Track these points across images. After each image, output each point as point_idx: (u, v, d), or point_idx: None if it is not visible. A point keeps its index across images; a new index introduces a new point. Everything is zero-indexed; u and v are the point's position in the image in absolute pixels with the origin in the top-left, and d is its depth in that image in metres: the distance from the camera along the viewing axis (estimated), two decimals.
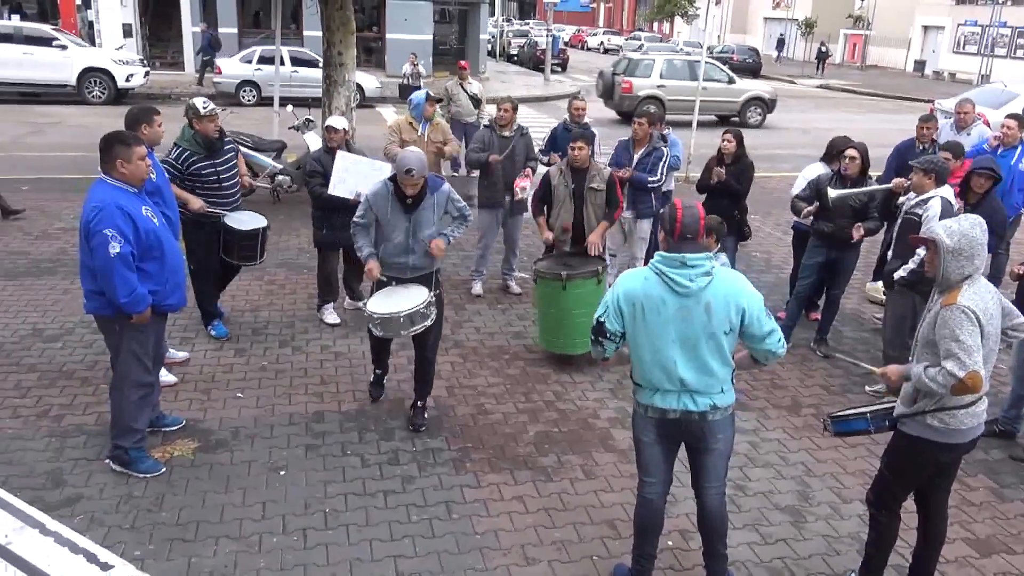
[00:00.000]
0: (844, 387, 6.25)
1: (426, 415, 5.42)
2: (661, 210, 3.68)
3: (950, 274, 3.44)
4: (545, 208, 6.67)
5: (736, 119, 20.43)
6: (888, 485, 3.79)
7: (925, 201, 5.59)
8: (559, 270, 6.20)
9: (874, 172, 8.41)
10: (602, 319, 3.59)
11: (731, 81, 21.13)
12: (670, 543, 4.27)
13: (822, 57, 41.14)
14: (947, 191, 5.65)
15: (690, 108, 13.47)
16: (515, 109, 7.65)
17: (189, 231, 6.12)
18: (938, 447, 3.56)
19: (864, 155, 6.41)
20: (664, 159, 7.39)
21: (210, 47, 23.31)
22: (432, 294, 5.03)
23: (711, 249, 3.57)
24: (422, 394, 5.44)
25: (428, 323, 5.00)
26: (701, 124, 13.99)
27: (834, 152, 7.02)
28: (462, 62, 12.93)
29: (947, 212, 5.35)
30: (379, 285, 5.14)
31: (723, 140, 7.36)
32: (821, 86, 34.50)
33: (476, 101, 12.11)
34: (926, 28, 43.58)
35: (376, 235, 5.12)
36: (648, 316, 3.47)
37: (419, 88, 16.33)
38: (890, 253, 6.03)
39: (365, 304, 4.98)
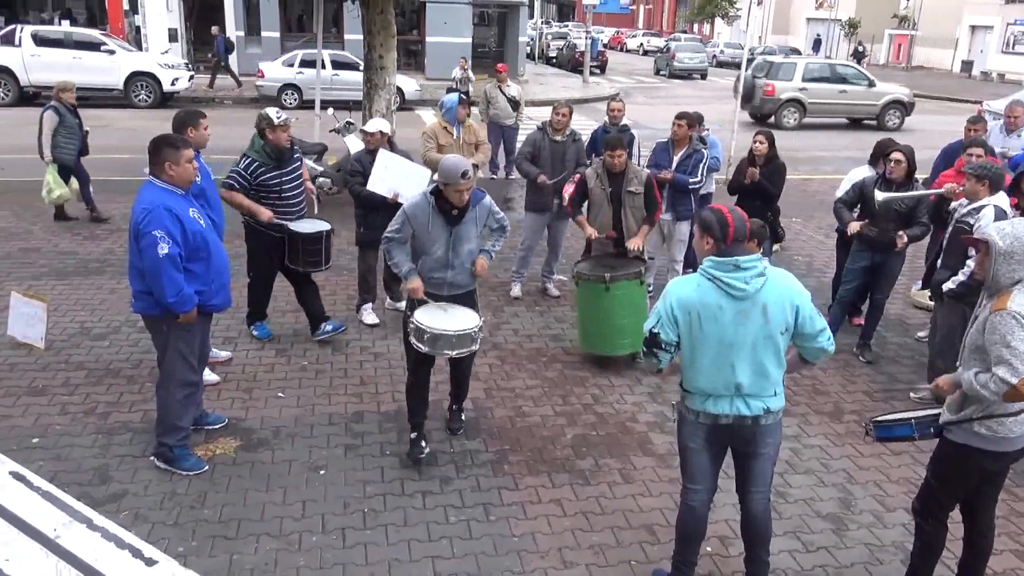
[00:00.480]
0: (888, 394, 6.14)
1: (463, 417, 5.41)
2: (700, 213, 3.63)
3: (1000, 277, 3.36)
4: (584, 209, 6.66)
5: (875, 122, 20.47)
6: (934, 494, 3.71)
7: (978, 210, 5.39)
8: (602, 272, 6.17)
9: (921, 175, 8.28)
10: (655, 330, 3.52)
11: (871, 84, 21.07)
12: (709, 549, 4.23)
13: (859, 57, 40.57)
14: (1001, 199, 5.46)
15: (831, 111, 13.33)
16: (571, 114, 7.62)
17: (251, 240, 6.23)
18: (985, 455, 3.49)
19: (910, 158, 6.29)
20: (704, 161, 7.36)
21: (225, 51, 23.63)
22: (482, 320, 4.85)
23: (756, 252, 3.53)
24: (458, 398, 5.40)
25: (473, 348, 4.78)
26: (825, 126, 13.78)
27: (880, 154, 6.91)
28: (500, 65, 12.95)
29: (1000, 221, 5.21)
30: (419, 302, 4.82)
31: (755, 141, 7.31)
32: None
33: (515, 104, 12.13)
34: (974, 28, 42.70)
35: (412, 250, 4.86)
36: (705, 323, 3.44)
37: (469, 92, 16.26)
38: (939, 262, 5.86)
39: (411, 317, 4.67)
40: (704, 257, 3.52)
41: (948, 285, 5.39)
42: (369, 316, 7.04)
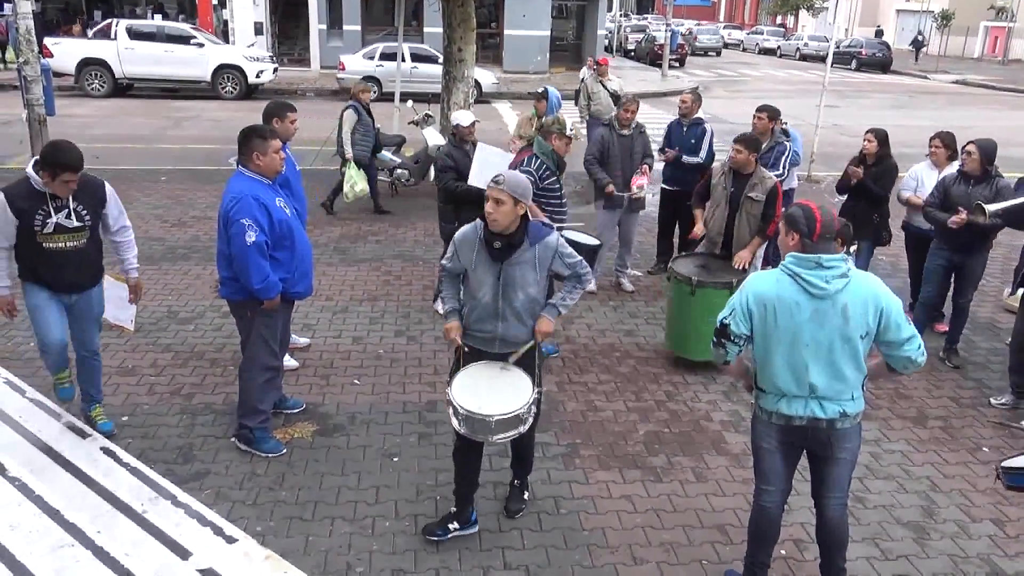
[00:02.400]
0: (975, 400, 5.91)
1: (526, 496, 4.50)
2: (787, 210, 3.56)
3: None
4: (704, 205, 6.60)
5: None
6: None
7: None
8: (692, 274, 6.05)
9: (1017, 173, 7.93)
10: (726, 321, 3.49)
11: None
12: (783, 552, 4.15)
13: (917, 46, 39.04)
14: None
15: None
16: (638, 109, 7.58)
17: None
18: None
19: (987, 151, 6.03)
20: (787, 153, 7.25)
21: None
22: (536, 391, 3.92)
23: (839, 252, 3.43)
24: (520, 473, 4.51)
25: (521, 429, 3.86)
26: None
27: (953, 148, 6.73)
28: (602, 58, 12.70)
29: None
30: (467, 356, 4.04)
31: (864, 139, 7.07)
32: (957, 82, 32.62)
33: (615, 98, 11.90)
34: None
35: (463, 290, 4.14)
36: (780, 319, 3.37)
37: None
38: None
39: (449, 383, 3.94)
40: (788, 253, 3.45)
41: None
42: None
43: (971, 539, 4.38)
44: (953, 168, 6.52)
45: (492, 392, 3.83)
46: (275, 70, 21.91)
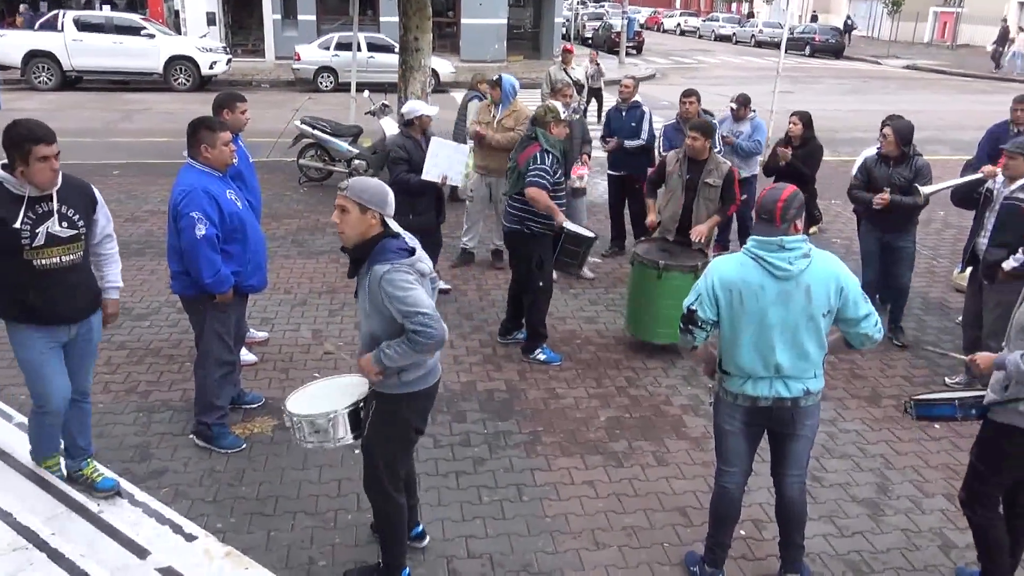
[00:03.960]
0: (927, 379, 6.04)
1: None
2: (744, 197, 3.63)
3: None
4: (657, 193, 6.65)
5: None
6: (980, 479, 3.62)
7: None
8: (658, 257, 6.10)
9: (965, 156, 8.09)
10: (693, 307, 3.52)
11: None
12: (743, 532, 4.21)
13: (847, 30, 39.78)
14: None
15: None
16: (574, 93, 7.68)
17: (533, 246, 5.94)
18: None
19: (902, 132, 6.14)
20: (716, 132, 7.49)
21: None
22: (361, 401, 3.59)
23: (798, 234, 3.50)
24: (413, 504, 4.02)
25: (328, 445, 3.60)
26: None
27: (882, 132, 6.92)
28: (567, 45, 12.69)
29: None
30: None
31: (790, 122, 7.25)
32: (908, 67, 33.19)
33: (579, 87, 11.88)
34: (1022, 3, 41.48)
35: None
36: (747, 302, 3.42)
37: (600, 89, 15.69)
38: (984, 240, 5.70)
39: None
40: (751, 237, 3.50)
41: (1011, 263, 5.25)
42: None
43: (924, 514, 4.48)
44: (872, 151, 6.66)
45: (316, 399, 3.67)
46: (229, 61, 21.56)
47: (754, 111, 8.45)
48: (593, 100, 15.90)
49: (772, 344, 3.42)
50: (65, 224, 3.83)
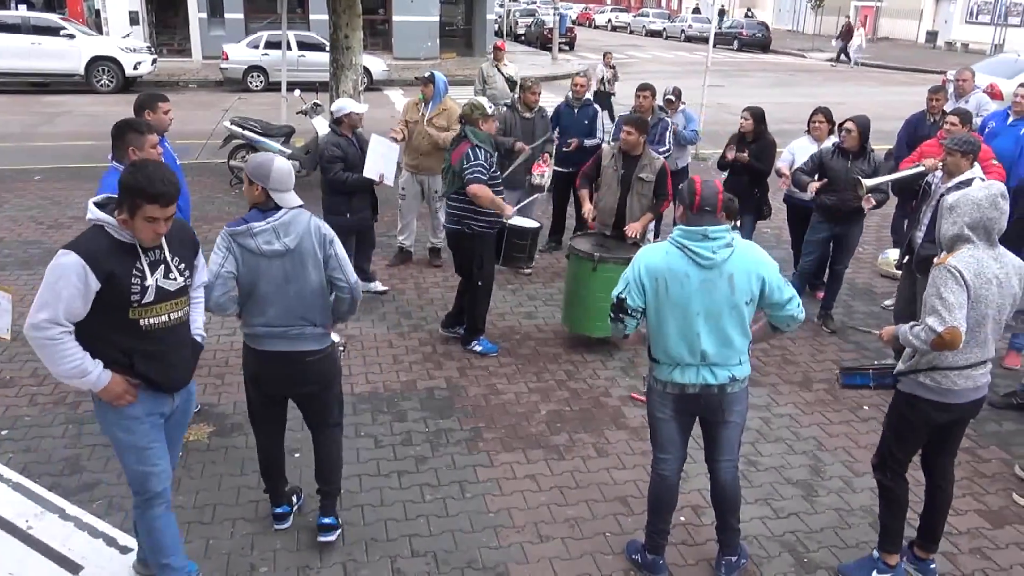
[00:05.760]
0: (856, 362, 6.23)
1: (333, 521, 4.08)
2: (680, 186, 3.69)
3: (943, 232, 3.52)
4: (592, 187, 6.67)
5: None
6: (888, 446, 3.82)
7: (967, 183, 5.20)
8: (593, 250, 6.15)
9: (886, 145, 8.36)
10: (622, 295, 3.59)
11: None
12: (682, 519, 4.30)
13: (721, 15, 40.85)
14: (979, 170, 5.43)
15: None
16: (541, 92, 7.71)
17: (475, 244, 5.93)
18: (931, 405, 3.60)
19: (862, 128, 6.37)
20: (669, 128, 7.58)
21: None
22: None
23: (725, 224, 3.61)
24: (330, 491, 4.11)
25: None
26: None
27: (814, 122, 7.24)
28: (499, 42, 12.65)
29: None
30: None
31: (741, 118, 7.35)
32: (831, 60, 34.10)
33: (512, 83, 11.88)
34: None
35: None
36: (672, 290, 3.49)
37: (613, 95, 15.19)
38: (920, 234, 5.84)
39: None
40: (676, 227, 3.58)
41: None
42: None
43: (855, 492, 4.63)
44: (829, 142, 6.84)
45: None
46: (154, 61, 21.01)
47: (684, 102, 8.62)
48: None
49: (697, 331, 3.50)
50: (174, 276, 3.27)
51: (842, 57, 32.73)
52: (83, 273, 3.00)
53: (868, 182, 6.12)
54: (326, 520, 4.03)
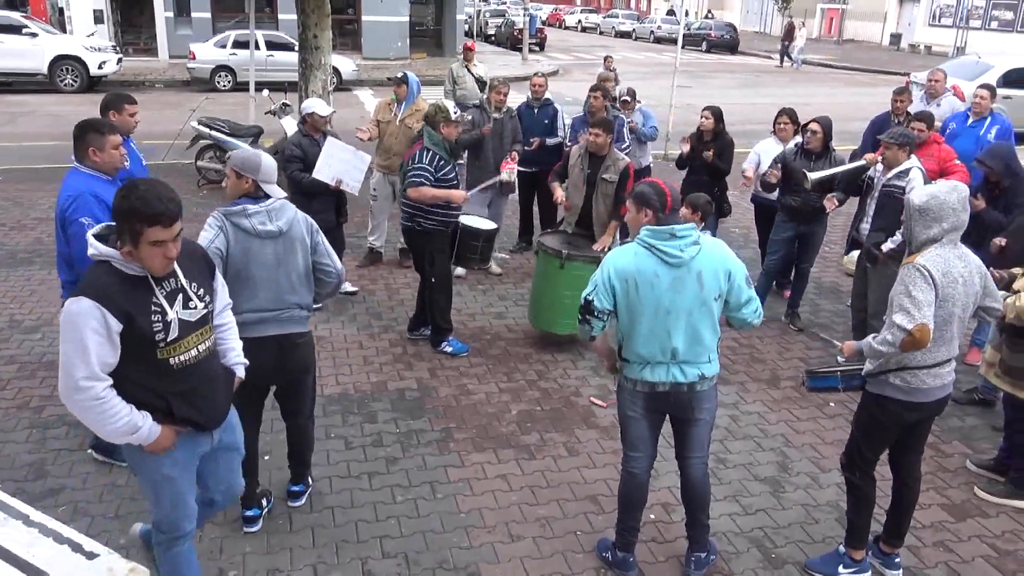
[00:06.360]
0: (821, 360, 6.32)
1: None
2: (636, 188, 3.71)
3: (916, 234, 3.55)
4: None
5: None
6: (857, 446, 3.87)
7: (906, 173, 5.70)
8: (561, 247, 6.17)
9: (851, 146, 8.48)
10: (590, 297, 3.59)
11: None
12: (652, 516, 4.33)
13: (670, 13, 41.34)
14: (916, 160, 5.83)
15: None
16: (508, 92, 7.70)
17: (425, 241, 5.99)
18: (901, 405, 3.66)
19: (826, 128, 6.47)
20: (625, 126, 7.76)
21: None
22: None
23: (696, 224, 3.66)
24: (302, 471, 4.40)
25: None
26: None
27: (779, 124, 7.30)
28: (469, 42, 12.64)
29: (926, 180, 5.50)
30: None
31: (701, 117, 7.43)
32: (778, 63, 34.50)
33: (482, 84, 11.86)
34: (902, 1, 43.67)
35: None
36: (642, 290, 3.51)
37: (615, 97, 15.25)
38: (866, 226, 6.09)
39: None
40: (641, 227, 3.59)
41: (888, 245, 5.58)
42: None
43: (822, 488, 4.70)
44: (792, 143, 6.93)
45: None
46: (119, 61, 20.72)
47: (639, 100, 8.71)
48: None
49: (668, 329, 3.53)
50: (193, 304, 2.99)
51: (785, 58, 32.96)
52: (100, 316, 2.71)
53: (813, 175, 6.25)
54: (295, 488, 4.29)
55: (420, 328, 6.41)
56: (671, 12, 46.78)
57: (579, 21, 54.45)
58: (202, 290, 3.05)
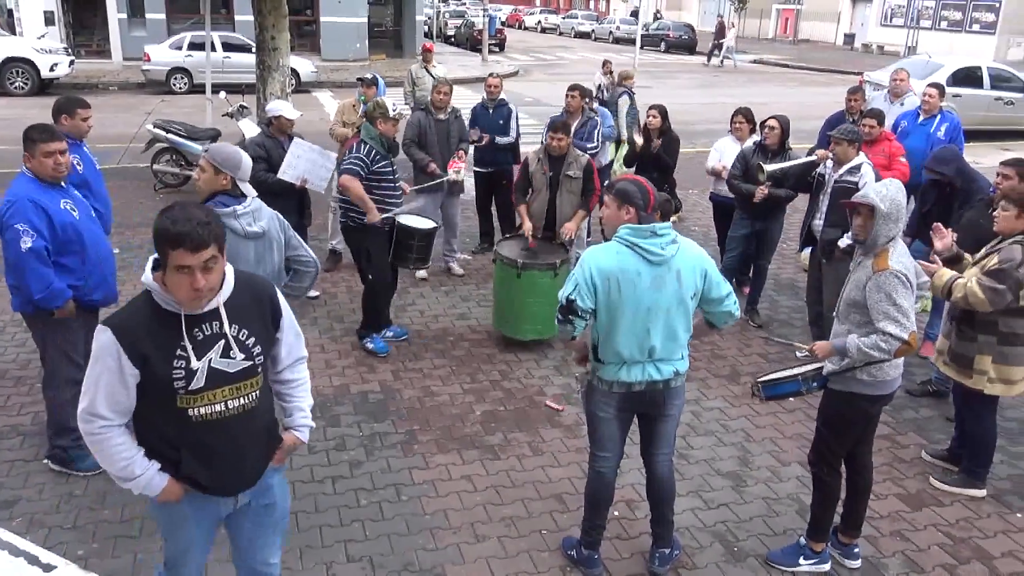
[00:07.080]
0: (781, 356, 6.40)
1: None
2: (617, 186, 3.69)
3: (879, 238, 3.61)
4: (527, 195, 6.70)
5: None
6: (826, 443, 3.92)
7: (857, 168, 5.87)
8: (517, 256, 6.19)
9: (807, 144, 8.62)
10: (572, 297, 3.54)
11: None
12: (616, 513, 4.36)
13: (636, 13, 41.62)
14: (864, 156, 6.04)
15: None
16: (451, 91, 7.66)
17: (366, 236, 6.01)
18: (868, 399, 3.75)
19: (784, 125, 6.61)
20: (599, 127, 7.82)
21: None
22: None
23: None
24: None
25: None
26: None
27: (735, 123, 7.46)
28: (428, 43, 12.61)
29: (876, 177, 5.63)
30: None
31: (649, 115, 7.65)
32: (755, 61, 34.97)
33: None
34: (855, 1, 44.44)
35: None
36: (624, 289, 3.51)
37: (621, 99, 15.03)
38: (820, 221, 6.20)
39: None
40: (621, 226, 3.58)
41: (845, 242, 5.69)
42: None
43: (782, 481, 4.77)
44: (750, 141, 7.04)
45: None
46: (72, 63, 20.31)
47: (595, 101, 8.84)
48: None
49: (647, 328, 3.54)
50: (235, 353, 2.67)
51: (713, 57, 33.31)
52: (116, 355, 2.50)
53: (768, 167, 6.37)
54: None
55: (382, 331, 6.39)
56: (634, 13, 47.03)
57: (539, 22, 54.55)
58: (252, 339, 2.70)
